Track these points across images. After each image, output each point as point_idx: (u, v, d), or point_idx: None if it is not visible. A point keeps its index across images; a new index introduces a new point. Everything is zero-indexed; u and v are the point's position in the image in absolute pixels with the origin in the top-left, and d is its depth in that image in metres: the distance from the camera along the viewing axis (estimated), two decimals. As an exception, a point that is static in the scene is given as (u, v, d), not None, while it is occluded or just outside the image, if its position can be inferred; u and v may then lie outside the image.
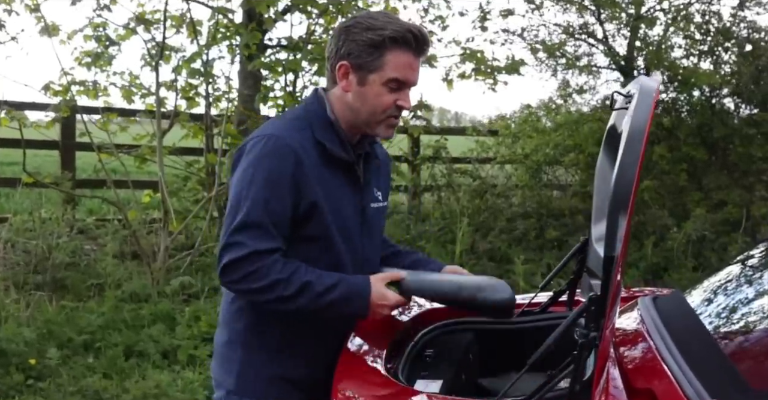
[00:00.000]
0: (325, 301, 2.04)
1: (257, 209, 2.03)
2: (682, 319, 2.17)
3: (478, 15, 8.37)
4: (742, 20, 8.64)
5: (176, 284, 5.88)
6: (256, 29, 6.33)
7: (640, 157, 1.63)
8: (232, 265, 2.03)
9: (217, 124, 7.23)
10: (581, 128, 8.95)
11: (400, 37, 2.06)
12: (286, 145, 2.07)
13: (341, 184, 2.17)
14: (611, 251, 1.65)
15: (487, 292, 2.19)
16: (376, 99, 2.11)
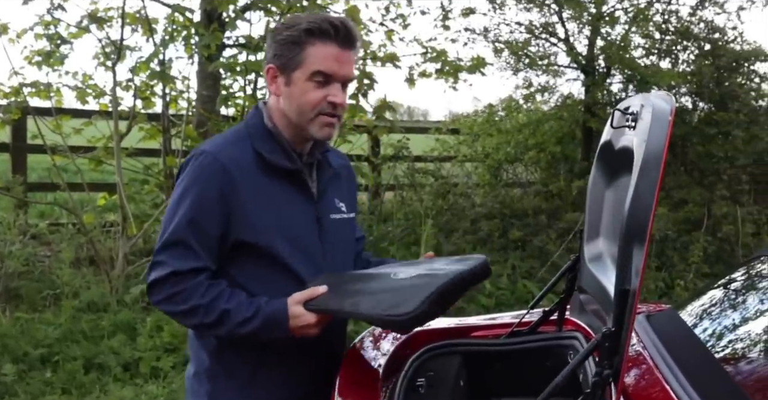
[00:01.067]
0: (246, 330, 1.97)
1: (182, 228, 1.98)
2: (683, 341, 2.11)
3: (440, 14, 8.30)
4: (701, 20, 8.69)
5: (136, 292, 5.69)
6: (217, 30, 6.15)
7: (658, 184, 1.54)
8: (155, 285, 1.99)
9: (175, 124, 7.05)
10: (542, 127, 8.95)
11: (316, 28, 2.00)
12: (217, 161, 2.00)
13: (289, 196, 2.09)
14: (626, 284, 1.57)
15: (385, 308, 1.90)
16: (303, 96, 2.03)
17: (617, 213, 2.13)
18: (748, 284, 2.44)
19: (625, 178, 2.00)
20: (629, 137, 1.93)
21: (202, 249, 1.98)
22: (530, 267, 7.33)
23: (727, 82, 8.44)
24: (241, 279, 2.05)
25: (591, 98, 8.39)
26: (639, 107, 1.87)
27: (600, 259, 2.23)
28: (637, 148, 1.65)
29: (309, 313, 1.97)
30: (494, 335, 2.50)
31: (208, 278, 2.00)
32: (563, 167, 9.13)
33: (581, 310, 2.44)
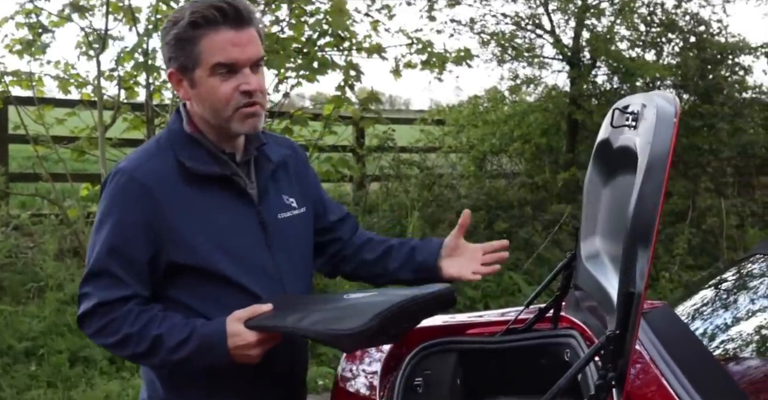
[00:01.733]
0: (180, 356, 1.78)
1: (103, 257, 1.81)
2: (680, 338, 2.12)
3: (426, 4, 8.26)
4: (686, 12, 8.71)
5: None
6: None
7: (664, 186, 1.53)
8: (84, 319, 1.83)
9: (159, 115, 6.98)
10: (527, 118, 8.95)
11: (200, 18, 1.78)
12: (133, 180, 1.82)
13: (223, 204, 1.88)
14: (630, 287, 1.56)
15: (329, 323, 1.73)
16: (212, 94, 1.82)
17: (616, 212, 2.12)
18: (742, 283, 2.44)
19: (625, 178, 1.99)
20: (629, 137, 1.92)
21: (128, 276, 1.81)
22: (516, 259, 7.34)
23: (712, 75, 8.47)
24: (187, 300, 1.87)
25: (576, 90, 8.40)
26: (640, 107, 1.86)
27: (597, 257, 2.22)
28: (642, 149, 1.64)
29: (248, 331, 1.77)
30: (489, 333, 2.49)
31: (139, 304, 1.83)
32: (547, 159, 9.14)
33: (577, 307, 2.44)
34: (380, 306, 1.72)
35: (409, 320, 1.85)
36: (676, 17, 8.73)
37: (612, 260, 2.09)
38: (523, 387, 2.39)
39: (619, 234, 2.02)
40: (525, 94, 9.41)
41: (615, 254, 2.08)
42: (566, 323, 2.46)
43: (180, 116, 1.94)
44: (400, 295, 1.79)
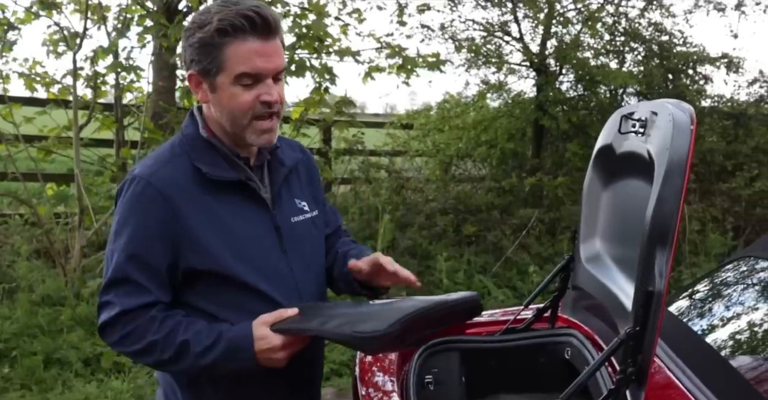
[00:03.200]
0: (207, 361, 1.79)
1: (124, 263, 1.81)
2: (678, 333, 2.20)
3: (396, 9, 8.32)
4: (650, 23, 8.91)
5: (94, 286, 5.59)
6: (182, 19, 6.08)
7: (683, 190, 1.61)
8: (106, 327, 1.84)
9: (127, 115, 6.95)
10: (494, 124, 9.07)
11: (229, 26, 1.76)
12: (151, 186, 1.81)
13: (239, 210, 1.89)
14: (649, 286, 1.63)
15: (354, 326, 1.75)
16: (232, 102, 1.82)
17: (620, 215, 2.21)
18: (732, 283, 2.54)
19: (631, 182, 2.08)
20: (637, 143, 2.00)
21: (149, 283, 1.82)
22: (485, 262, 7.44)
23: (676, 84, 8.68)
24: (207, 306, 1.88)
25: (543, 97, 8.53)
26: (649, 114, 1.94)
27: (599, 259, 2.30)
28: (659, 155, 1.71)
29: (274, 334, 1.79)
30: (489, 332, 2.56)
31: (162, 310, 1.83)
32: (513, 164, 9.27)
33: (574, 308, 2.52)
34: (404, 311, 1.74)
35: (432, 325, 1.85)
36: (639, 27, 8.93)
37: (617, 262, 2.17)
38: (522, 385, 2.47)
39: (625, 236, 2.11)
40: (490, 99, 9.53)
41: (620, 255, 2.17)
42: (563, 323, 2.53)
43: (194, 120, 1.94)
44: (424, 301, 1.80)
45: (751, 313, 2.28)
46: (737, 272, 2.55)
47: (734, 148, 8.56)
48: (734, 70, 9.00)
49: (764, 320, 2.18)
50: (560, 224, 7.98)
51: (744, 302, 2.39)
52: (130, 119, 7.05)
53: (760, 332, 2.15)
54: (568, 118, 8.67)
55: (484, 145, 9.25)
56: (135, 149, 6.60)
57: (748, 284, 2.44)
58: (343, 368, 5.19)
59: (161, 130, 6.35)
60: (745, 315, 2.30)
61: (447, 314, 1.84)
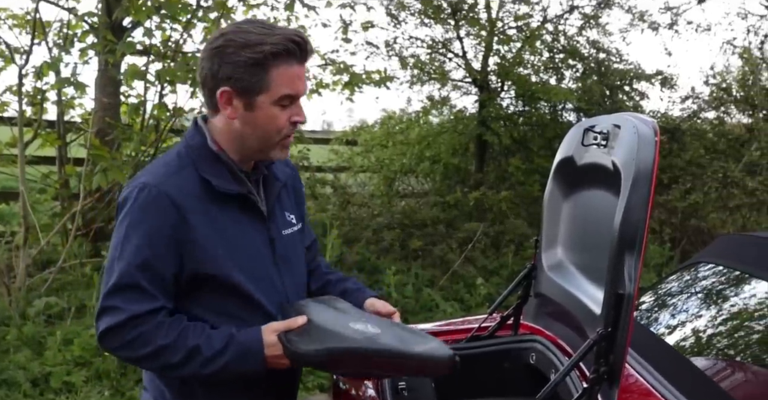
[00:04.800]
0: (217, 365, 1.84)
1: (131, 270, 1.84)
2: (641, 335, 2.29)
3: (340, 26, 8.41)
4: (588, 40, 9.18)
5: (40, 306, 5.49)
6: (128, 36, 6.04)
7: (650, 198, 1.70)
8: (110, 332, 1.85)
9: (70, 131, 6.86)
10: (438, 139, 9.21)
11: (284, 50, 1.85)
12: (162, 194, 1.86)
13: (241, 222, 1.97)
14: (619, 288, 1.72)
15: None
16: (270, 122, 1.90)
17: (582, 224, 2.30)
18: (685, 288, 2.66)
19: (595, 192, 2.17)
20: (599, 154, 2.09)
21: (156, 289, 1.86)
22: (432, 276, 7.52)
23: (614, 100, 8.94)
24: (202, 314, 1.93)
25: (486, 113, 8.70)
26: (611, 127, 2.04)
27: (562, 267, 2.39)
28: (625, 165, 1.80)
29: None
30: (453, 340, 2.62)
31: (167, 316, 1.88)
32: (456, 178, 9.41)
33: (536, 314, 2.61)
34: (344, 342, 1.81)
35: (384, 368, 1.89)
36: (578, 45, 9.18)
37: (581, 269, 2.26)
38: (489, 390, 2.54)
39: (589, 244, 2.20)
40: (433, 116, 9.67)
41: (583, 263, 2.26)
42: (526, 330, 2.61)
43: (199, 132, 1.98)
44: (383, 342, 1.84)
45: (706, 315, 2.39)
46: (690, 278, 2.67)
47: (669, 161, 8.83)
48: (669, 87, 9.34)
49: (720, 323, 2.30)
50: (504, 238, 8.12)
51: (697, 306, 2.51)
52: (73, 136, 6.96)
53: (716, 333, 2.26)
54: (510, 133, 8.86)
55: (428, 161, 9.38)
56: (79, 167, 6.52)
57: (701, 288, 2.56)
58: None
59: (107, 146, 6.28)
60: (702, 318, 2.41)
61: (401, 363, 1.86)
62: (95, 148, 6.30)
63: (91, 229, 6.37)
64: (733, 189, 8.70)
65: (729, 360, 2.14)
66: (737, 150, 9.44)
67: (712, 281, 2.53)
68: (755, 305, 2.23)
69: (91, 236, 6.42)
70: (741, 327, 2.25)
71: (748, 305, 2.26)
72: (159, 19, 6.32)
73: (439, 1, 8.70)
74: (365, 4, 8.03)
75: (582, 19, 9.24)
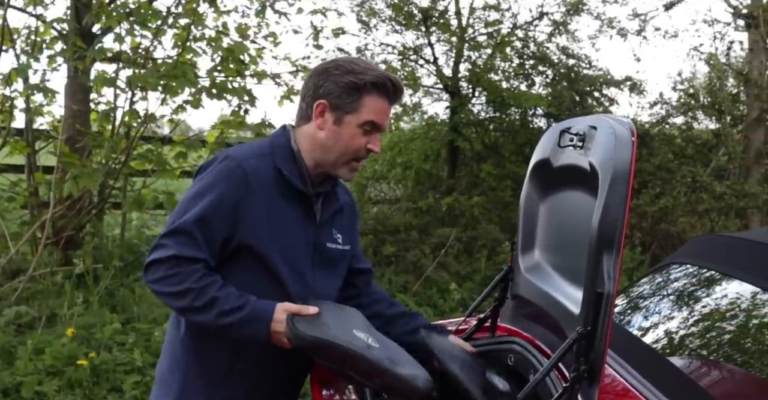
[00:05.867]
0: (228, 320, 2.03)
1: (192, 220, 2.06)
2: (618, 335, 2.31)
3: (311, 33, 8.41)
4: (557, 47, 9.27)
5: (10, 315, 5.41)
6: (100, 42, 6.00)
7: (627, 197, 1.72)
8: (153, 264, 2.07)
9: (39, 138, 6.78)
10: (410, 145, 9.25)
11: (381, 83, 2.15)
12: (239, 167, 2.11)
13: (295, 216, 2.19)
14: (598, 287, 1.73)
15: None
16: (350, 139, 2.17)
17: (558, 225, 2.32)
18: (658, 289, 2.69)
19: (572, 193, 2.19)
20: (576, 156, 2.11)
21: (206, 245, 2.07)
22: (405, 281, 7.53)
23: (582, 106, 9.03)
24: (232, 282, 2.10)
25: (457, 119, 8.74)
26: (587, 128, 2.06)
27: (539, 268, 2.40)
28: (603, 166, 1.82)
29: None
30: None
31: (206, 268, 2.08)
32: (428, 184, 9.45)
33: (513, 316, 2.61)
34: (330, 336, 1.99)
35: (362, 375, 2.03)
36: (548, 51, 9.27)
37: (558, 270, 2.27)
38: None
39: (566, 245, 2.21)
40: (404, 122, 9.71)
41: (561, 263, 2.27)
42: (503, 332, 2.62)
43: (286, 133, 2.25)
44: (371, 349, 2.01)
45: (680, 315, 2.42)
46: (665, 278, 2.70)
47: (639, 166, 8.93)
48: (637, 93, 9.46)
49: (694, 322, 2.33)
50: (477, 243, 8.16)
51: (672, 306, 2.53)
52: (42, 144, 6.89)
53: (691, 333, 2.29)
54: (481, 139, 8.92)
55: (400, 167, 9.43)
56: (49, 174, 6.45)
57: (677, 288, 2.60)
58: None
59: (77, 154, 6.22)
60: (676, 318, 2.44)
61: (380, 376, 2.00)
62: (65, 155, 6.23)
63: (61, 237, 6.30)
64: (701, 193, 8.82)
65: (705, 359, 2.16)
66: (705, 155, 9.58)
67: (684, 282, 2.56)
68: (728, 304, 2.26)
69: (61, 244, 6.34)
70: (714, 327, 2.28)
71: (721, 304, 2.29)
72: (129, 26, 6.28)
73: (410, 7, 8.75)
74: (336, 10, 8.03)
75: (552, 26, 9.34)
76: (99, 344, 5.15)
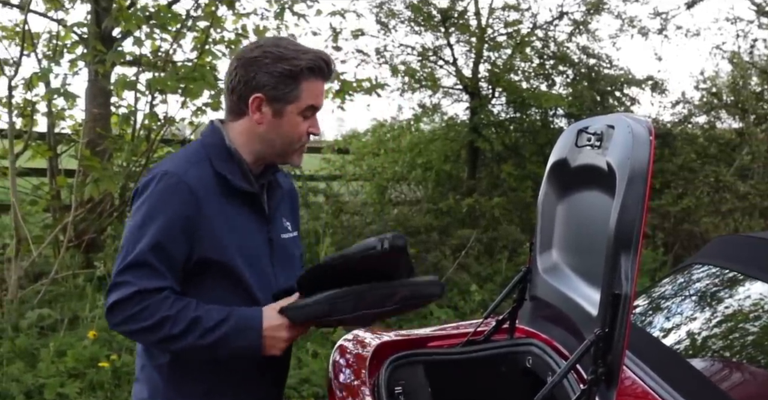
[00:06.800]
0: (216, 336, 1.93)
1: (146, 250, 1.94)
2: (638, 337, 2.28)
3: (330, 34, 8.41)
4: (578, 46, 9.21)
5: (33, 317, 5.45)
6: (119, 46, 6.03)
7: (645, 197, 1.69)
8: (117, 305, 1.94)
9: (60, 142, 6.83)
10: (429, 147, 9.21)
11: (317, 67, 2.05)
12: (181, 182, 1.99)
13: (246, 218, 2.10)
14: (615, 289, 1.71)
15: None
16: (293, 129, 2.08)
17: (576, 226, 2.29)
18: (680, 290, 2.66)
19: (589, 193, 2.17)
20: (594, 155, 2.09)
21: (167, 270, 1.96)
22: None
23: (605, 106, 8.96)
24: (199, 299, 2.00)
25: (477, 119, 8.70)
26: (605, 128, 2.03)
27: (557, 269, 2.38)
28: (620, 165, 1.79)
29: (285, 319, 1.98)
30: (450, 345, 2.61)
31: (173, 294, 1.97)
32: (449, 185, 9.41)
33: (532, 318, 2.59)
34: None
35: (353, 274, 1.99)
36: (568, 51, 9.21)
37: (576, 271, 2.25)
38: (486, 394, 2.52)
39: (584, 245, 2.19)
40: (424, 123, 9.68)
41: (578, 264, 2.25)
42: (522, 333, 2.60)
43: (217, 132, 2.12)
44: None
45: (702, 317, 2.39)
46: (686, 279, 2.67)
47: (661, 166, 8.85)
48: (659, 92, 9.37)
49: (716, 324, 2.29)
50: (498, 244, 8.12)
51: (693, 308, 2.50)
52: (64, 147, 6.94)
53: (712, 334, 2.26)
54: (501, 140, 8.87)
55: (420, 168, 9.39)
56: (70, 178, 6.50)
57: (698, 289, 2.56)
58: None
59: (98, 157, 6.26)
60: (697, 319, 2.40)
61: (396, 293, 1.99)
62: (86, 158, 6.27)
63: (83, 240, 6.34)
64: (725, 193, 8.73)
65: (726, 361, 2.13)
66: (728, 154, 9.47)
67: (706, 282, 2.53)
68: (749, 305, 2.23)
69: (83, 247, 6.39)
70: (737, 328, 2.24)
71: (743, 305, 2.26)
72: (149, 29, 6.31)
73: (429, 8, 8.73)
74: (355, 11, 8.01)
75: (572, 25, 9.28)
76: (120, 346, 5.17)
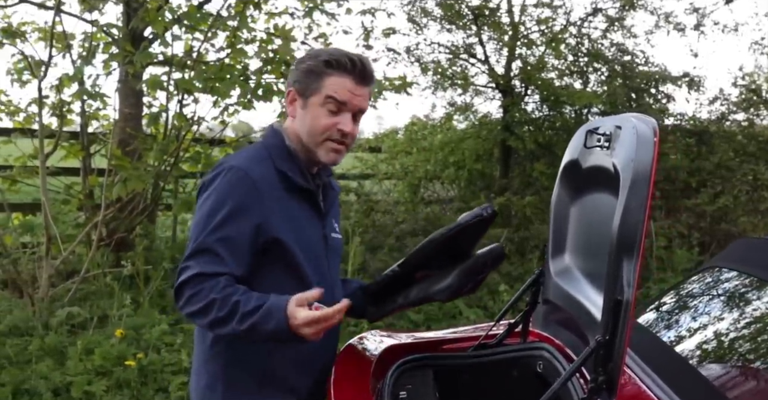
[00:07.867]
0: (251, 322, 1.98)
1: (211, 237, 2.06)
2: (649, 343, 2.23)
3: (361, 33, 8.39)
4: (612, 43, 9.07)
5: (63, 315, 5.52)
6: (147, 46, 6.07)
7: (648, 201, 1.64)
8: (179, 288, 2.06)
9: (93, 142, 6.90)
10: (461, 145, 9.15)
11: (335, 60, 2.14)
12: (247, 176, 2.11)
13: (306, 214, 2.23)
14: (617, 295, 1.66)
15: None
16: (315, 121, 2.16)
17: (587, 228, 2.24)
18: (699, 293, 2.59)
19: (598, 195, 2.11)
20: (602, 157, 2.04)
21: (229, 256, 2.06)
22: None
23: (639, 103, 8.82)
24: (261, 286, 2.09)
25: (510, 117, 8.62)
26: (613, 128, 1.98)
27: (569, 273, 2.33)
28: (624, 167, 1.74)
29: (302, 310, 1.97)
30: (461, 348, 2.57)
31: (229, 280, 2.06)
32: (481, 184, 9.34)
33: (545, 321, 2.55)
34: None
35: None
36: (602, 47, 9.08)
37: (585, 274, 2.20)
38: (495, 398, 2.48)
39: (593, 249, 2.14)
40: (457, 121, 9.62)
41: (588, 268, 2.20)
42: (535, 337, 2.55)
43: (278, 133, 2.25)
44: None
45: (718, 322, 2.32)
46: (703, 283, 2.60)
47: (698, 165, 8.70)
48: (695, 89, 9.19)
49: (731, 329, 2.22)
50: (529, 243, 8.03)
51: (711, 312, 2.43)
52: (96, 147, 7.01)
53: (728, 341, 2.19)
54: (534, 138, 8.77)
55: (452, 167, 9.32)
56: (101, 177, 6.56)
57: (715, 294, 2.49)
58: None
59: (128, 156, 6.32)
60: (713, 325, 2.34)
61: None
62: (117, 158, 6.34)
63: (113, 239, 6.40)
64: (763, 192, 8.54)
65: (739, 368, 2.06)
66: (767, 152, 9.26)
67: (721, 287, 2.45)
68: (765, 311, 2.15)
69: (113, 246, 6.45)
70: (753, 334, 2.17)
71: (757, 312, 2.18)
72: (180, 29, 6.34)
73: (460, 6, 8.66)
74: (385, 10, 7.98)
75: (606, 22, 9.15)
76: (147, 344, 5.21)
